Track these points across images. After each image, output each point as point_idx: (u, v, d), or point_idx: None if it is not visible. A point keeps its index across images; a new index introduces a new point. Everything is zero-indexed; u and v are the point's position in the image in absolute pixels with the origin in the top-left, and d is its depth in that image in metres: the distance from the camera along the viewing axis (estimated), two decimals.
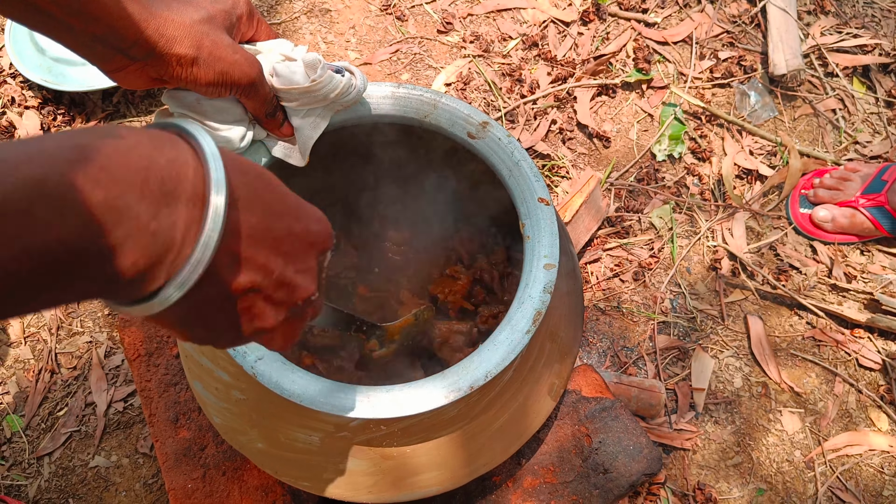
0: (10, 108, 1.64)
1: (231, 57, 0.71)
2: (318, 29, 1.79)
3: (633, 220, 1.59)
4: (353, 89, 0.85)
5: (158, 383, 1.13)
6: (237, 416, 0.89)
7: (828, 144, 1.70)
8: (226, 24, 0.73)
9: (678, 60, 1.79)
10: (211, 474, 1.07)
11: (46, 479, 1.31)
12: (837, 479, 1.36)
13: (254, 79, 0.74)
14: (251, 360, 0.78)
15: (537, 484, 1.09)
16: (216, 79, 0.71)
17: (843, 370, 1.46)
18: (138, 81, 0.70)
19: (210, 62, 0.69)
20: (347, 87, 0.84)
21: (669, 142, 1.68)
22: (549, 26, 1.81)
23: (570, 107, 1.71)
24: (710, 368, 1.45)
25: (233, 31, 0.75)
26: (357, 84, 0.85)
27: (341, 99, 0.84)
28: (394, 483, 0.88)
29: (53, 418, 1.36)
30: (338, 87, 0.82)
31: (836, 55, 1.80)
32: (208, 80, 0.70)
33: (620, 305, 1.50)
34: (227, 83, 0.72)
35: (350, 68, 0.85)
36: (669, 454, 1.37)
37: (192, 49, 0.68)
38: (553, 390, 0.95)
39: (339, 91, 0.82)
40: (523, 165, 0.89)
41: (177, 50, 0.67)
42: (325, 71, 0.80)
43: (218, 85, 0.72)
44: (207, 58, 0.69)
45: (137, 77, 0.69)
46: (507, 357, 0.79)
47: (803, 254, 1.58)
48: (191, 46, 0.67)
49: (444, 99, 0.93)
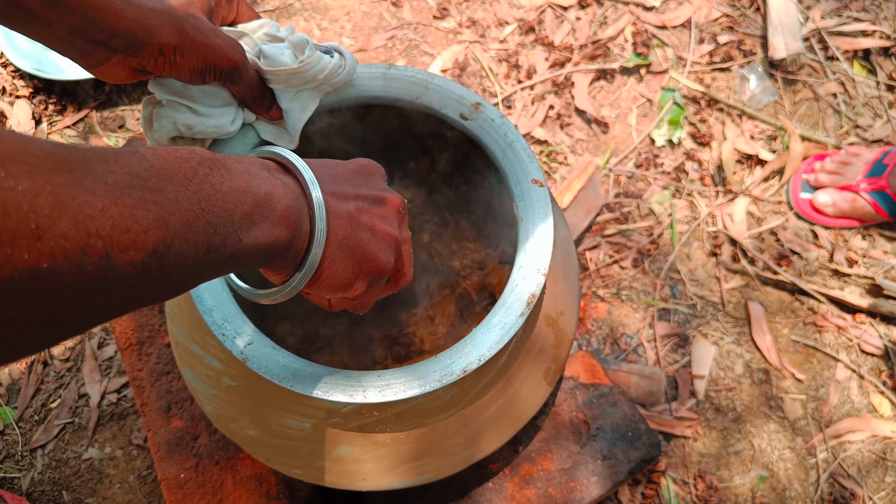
0: (1, 97, 1.63)
1: (213, 42, 0.69)
2: (313, 15, 1.77)
3: (632, 206, 1.57)
4: (343, 70, 0.83)
5: (150, 372, 1.12)
6: (228, 404, 0.88)
7: (828, 128, 1.68)
8: (205, 9, 0.71)
9: (677, 45, 1.76)
10: (204, 464, 1.05)
11: (40, 472, 1.30)
12: (839, 466, 1.35)
13: (237, 63, 0.72)
14: (240, 345, 0.76)
15: (535, 471, 1.07)
16: (199, 65, 0.69)
17: (845, 356, 1.45)
18: (120, 74, 0.68)
19: (193, 49, 0.68)
20: (337, 69, 0.82)
21: (669, 127, 1.66)
22: (546, 11, 1.79)
23: (567, 92, 1.69)
24: (710, 355, 1.43)
25: (212, 15, 0.73)
26: (346, 65, 0.83)
27: (330, 80, 0.82)
28: (387, 470, 0.86)
29: (46, 410, 1.35)
30: (326, 67, 0.80)
31: (836, 38, 1.78)
32: (192, 66, 0.69)
33: (620, 292, 1.48)
34: (210, 69, 0.70)
35: (339, 49, 0.84)
36: (670, 442, 1.35)
37: (174, 37, 0.66)
38: (549, 375, 0.93)
39: (328, 72, 0.81)
40: (517, 146, 0.87)
41: (158, 38, 0.65)
42: (314, 52, 0.79)
43: (202, 72, 0.70)
44: (190, 45, 0.67)
45: (119, 70, 0.67)
46: (501, 340, 0.77)
47: (804, 239, 1.56)
48: (172, 34, 0.66)
49: (435, 80, 0.91)
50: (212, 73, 0.71)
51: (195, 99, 0.76)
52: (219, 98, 0.77)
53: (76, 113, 1.62)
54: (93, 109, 1.62)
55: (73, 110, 1.62)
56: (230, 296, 0.79)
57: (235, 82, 0.74)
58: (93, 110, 1.62)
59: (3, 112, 1.60)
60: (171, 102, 0.75)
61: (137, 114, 1.63)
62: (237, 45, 0.72)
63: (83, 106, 1.63)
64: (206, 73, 0.71)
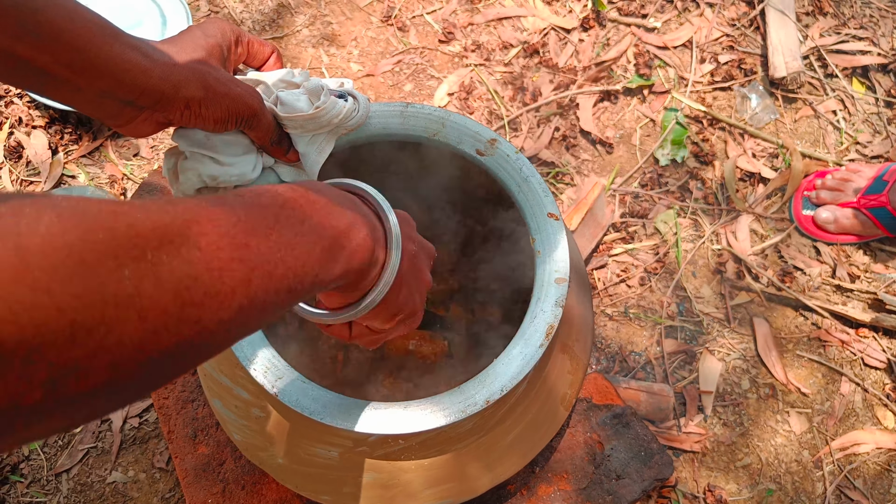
0: (18, 128, 1.66)
1: (234, 91, 0.71)
2: (321, 41, 1.80)
3: (637, 225, 1.61)
4: (357, 114, 0.85)
5: (176, 400, 1.15)
6: (257, 433, 0.91)
7: (829, 145, 1.72)
8: (220, 58, 0.73)
9: (679, 65, 1.80)
10: (230, 489, 1.08)
11: (65, 496, 1.33)
12: (846, 478, 1.38)
13: (256, 110, 0.74)
14: (272, 379, 0.79)
15: (551, 491, 1.10)
16: (223, 115, 0.71)
17: (849, 370, 1.48)
18: (147, 129, 0.70)
19: (217, 100, 0.70)
20: (351, 112, 0.84)
21: (672, 146, 1.69)
22: (549, 34, 1.83)
23: (572, 114, 1.72)
24: (717, 371, 1.46)
25: (226, 62, 0.75)
26: (360, 108, 0.86)
27: (345, 123, 0.84)
28: (412, 496, 0.89)
29: (70, 435, 1.38)
30: (341, 112, 0.82)
31: (835, 56, 1.81)
32: (216, 117, 0.71)
33: (627, 311, 1.52)
34: (233, 118, 0.72)
35: (353, 93, 0.86)
36: (679, 457, 1.38)
37: (198, 90, 0.68)
38: (566, 400, 0.96)
39: (342, 116, 0.83)
40: (532, 181, 0.91)
41: (185, 93, 0.67)
42: (329, 97, 0.81)
43: (225, 121, 0.72)
44: (214, 97, 0.69)
45: (147, 125, 0.70)
46: (522, 371, 0.80)
47: (807, 255, 1.59)
48: (197, 88, 0.68)
49: (451, 117, 0.94)
50: (234, 122, 0.73)
51: (217, 149, 0.76)
52: (240, 146, 0.79)
53: (92, 142, 1.65)
54: (108, 138, 1.66)
55: (88, 139, 1.66)
56: (261, 332, 0.82)
57: (254, 128, 0.76)
58: (108, 139, 1.66)
59: (20, 142, 1.64)
60: (194, 154, 0.76)
61: (152, 141, 1.67)
62: (255, 93, 0.75)
63: (98, 135, 1.66)
64: (228, 123, 0.73)
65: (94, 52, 0.61)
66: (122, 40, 0.63)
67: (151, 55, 0.65)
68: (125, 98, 0.65)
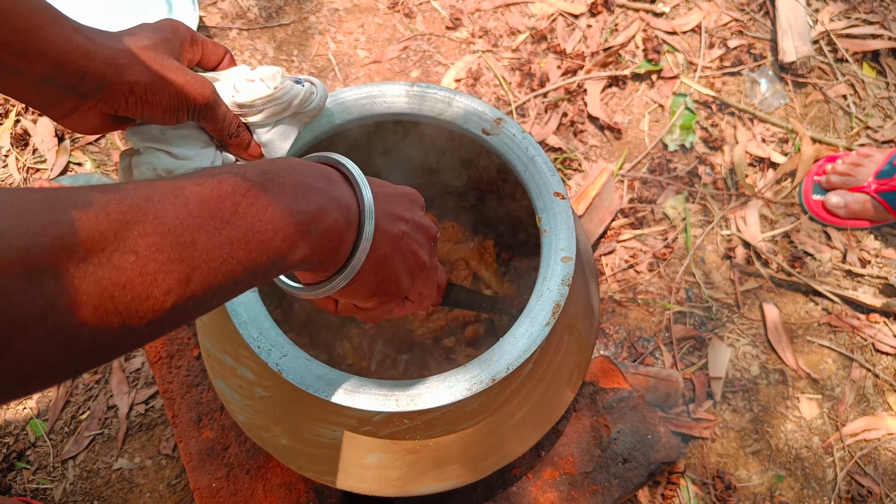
0: (24, 115, 1.66)
1: (182, 79, 0.68)
2: (327, 28, 1.80)
3: (646, 210, 1.59)
4: (315, 97, 0.83)
5: (180, 385, 1.15)
6: (261, 413, 0.90)
7: (839, 130, 1.70)
8: (171, 52, 0.70)
9: (687, 50, 1.79)
10: (235, 473, 1.08)
11: (71, 483, 1.33)
12: (856, 464, 1.37)
13: (209, 98, 0.71)
14: (276, 356, 0.79)
15: (557, 475, 1.10)
16: (172, 102, 0.68)
17: (860, 355, 1.47)
18: (92, 121, 0.68)
19: (163, 86, 0.67)
20: (309, 95, 0.81)
21: (681, 132, 1.68)
22: (557, 19, 1.81)
23: (580, 99, 1.71)
24: (726, 357, 1.45)
25: (178, 57, 0.72)
26: (318, 92, 0.83)
27: (305, 107, 0.82)
28: (417, 476, 0.89)
29: (76, 422, 1.38)
30: (299, 94, 0.80)
31: (845, 41, 1.79)
32: (164, 104, 0.68)
33: (636, 296, 1.51)
34: (183, 106, 0.69)
35: (311, 79, 0.84)
36: (688, 443, 1.37)
37: (143, 74, 0.65)
38: (572, 382, 0.95)
39: (301, 98, 0.80)
40: (538, 160, 0.90)
41: (128, 77, 0.64)
42: (286, 80, 0.79)
43: (175, 109, 0.69)
44: (160, 82, 0.66)
45: (91, 116, 0.67)
46: (528, 349, 0.79)
47: (817, 240, 1.58)
48: (142, 72, 0.65)
49: (457, 97, 0.94)
50: (185, 111, 0.70)
51: (173, 143, 0.74)
52: (198, 140, 0.76)
53: None
54: None
55: None
56: (264, 310, 0.82)
57: (210, 119, 0.73)
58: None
59: (26, 130, 1.63)
60: (148, 149, 0.74)
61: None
62: (207, 82, 0.72)
63: None
64: (179, 111, 0.69)
65: (34, 34, 0.59)
66: (63, 23, 0.61)
67: (94, 39, 0.63)
68: (66, 82, 0.62)
